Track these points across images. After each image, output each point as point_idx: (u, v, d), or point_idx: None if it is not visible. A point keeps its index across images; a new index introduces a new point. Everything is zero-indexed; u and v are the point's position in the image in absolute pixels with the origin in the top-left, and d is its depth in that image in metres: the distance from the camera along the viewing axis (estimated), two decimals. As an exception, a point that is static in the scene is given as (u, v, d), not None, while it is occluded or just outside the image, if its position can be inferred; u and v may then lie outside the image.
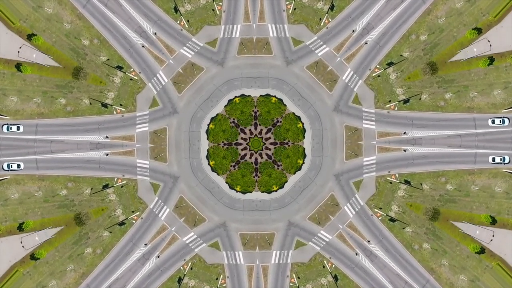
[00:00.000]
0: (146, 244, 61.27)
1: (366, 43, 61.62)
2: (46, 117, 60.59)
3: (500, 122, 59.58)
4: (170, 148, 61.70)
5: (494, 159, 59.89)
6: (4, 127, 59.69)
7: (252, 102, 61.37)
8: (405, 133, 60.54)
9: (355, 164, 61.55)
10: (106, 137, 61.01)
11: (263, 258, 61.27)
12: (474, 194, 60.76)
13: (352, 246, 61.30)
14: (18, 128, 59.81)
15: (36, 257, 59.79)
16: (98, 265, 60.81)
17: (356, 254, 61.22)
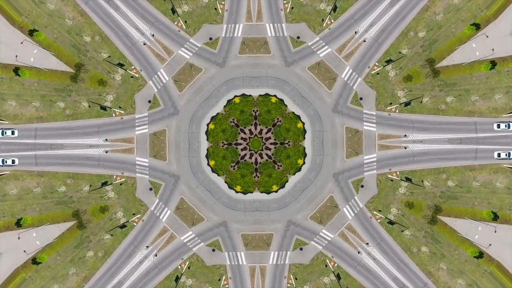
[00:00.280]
0: (147, 246, 61.16)
1: (364, 41, 61.51)
2: (45, 120, 60.48)
3: (505, 127, 59.50)
4: (170, 148, 61.59)
5: (499, 155, 59.77)
6: (-1, 132, 59.84)
7: (252, 102, 61.28)
8: (405, 135, 60.48)
9: (356, 162, 61.42)
10: (106, 140, 60.89)
11: (262, 258, 61.20)
12: (476, 190, 60.68)
13: (354, 245, 61.21)
14: (12, 132, 59.67)
15: (37, 261, 59.66)
16: (100, 268, 60.71)
17: (358, 253, 61.14)
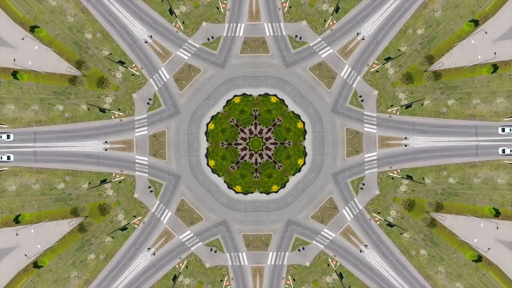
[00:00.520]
0: (149, 248, 61.08)
1: (363, 39, 61.43)
2: (44, 124, 60.42)
3: (510, 131, 59.39)
4: (169, 148, 61.50)
5: (504, 151, 59.65)
6: (-6, 136, 59.78)
7: (253, 101, 61.18)
8: (406, 138, 60.40)
9: (357, 161, 61.34)
10: (105, 142, 60.80)
11: (260, 259, 61.15)
12: (477, 187, 60.60)
13: (356, 244, 61.12)
14: (8, 136, 59.55)
15: (39, 265, 59.54)
16: (101, 271, 60.63)
17: (360, 251, 61.05)
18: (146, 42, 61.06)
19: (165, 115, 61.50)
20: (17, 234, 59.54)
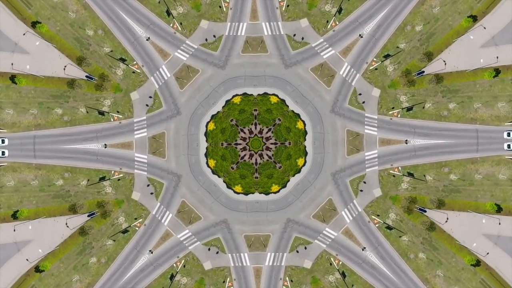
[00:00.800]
0: (150, 250, 60.97)
1: (361, 37, 61.31)
2: (44, 128, 60.29)
3: None
4: (169, 148, 61.45)
5: (509, 146, 59.50)
6: (-12, 141, 59.66)
7: (253, 101, 61.07)
8: (406, 141, 60.31)
9: (357, 159, 61.24)
10: (105, 145, 60.70)
11: (259, 260, 61.11)
12: (478, 183, 60.49)
13: (358, 242, 61.01)
14: (3, 141, 59.41)
15: (41, 269, 59.45)
16: (103, 274, 60.52)
17: (362, 250, 60.95)
18: (148, 39, 60.91)
19: (164, 117, 61.37)
20: (14, 230, 59.40)
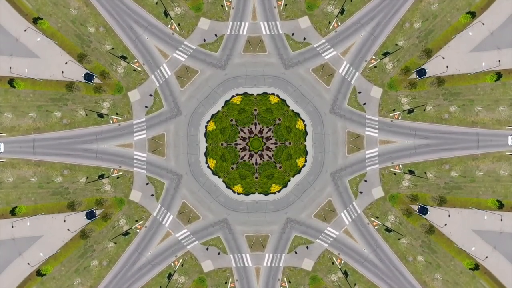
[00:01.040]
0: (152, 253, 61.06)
1: (360, 35, 61.28)
2: (43, 131, 60.18)
3: None
4: (168, 146, 61.43)
5: None
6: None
7: (254, 101, 60.99)
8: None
9: (358, 157, 61.17)
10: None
11: (258, 260, 61.10)
12: (479, 179, 60.40)
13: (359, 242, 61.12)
14: None
15: (42, 273, 59.32)
16: (105, 277, 60.43)
17: (364, 249, 60.93)
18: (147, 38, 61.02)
19: (163, 118, 61.30)
20: (12, 226, 59.28)
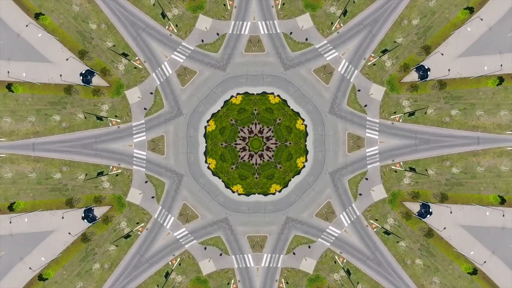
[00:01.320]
0: (153, 254, 61.15)
1: (360, 33, 61.23)
2: (42, 135, 60.08)
3: None
4: (168, 145, 61.44)
5: None
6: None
7: (254, 100, 60.90)
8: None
9: (358, 155, 61.09)
10: (104, 150, 60.87)
11: (257, 261, 61.12)
12: (481, 175, 60.30)
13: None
14: None
15: (44, 277, 59.29)
16: (107, 280, 60.36)
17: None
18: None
19: (162, 120, 61.24)
20: (10, 222, 59.19)
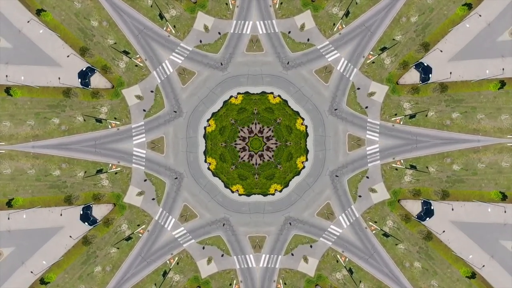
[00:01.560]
0: (155, 256, 61.10)
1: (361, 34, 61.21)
2: (42, 138, 60.02)
3: None
4: (168, 145, 61.45)
5: None
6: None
7: (254, 100, 60.84)
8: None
9: (359, 154, 61.04)
10: (104, 152, 60.78)
11: (256, 261, 61.11)
12: (482, 172, 60.24)
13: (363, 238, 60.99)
14: None
15: (46, 281, 59.21)
16: (109, 282, 60.26)
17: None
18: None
19: (162, 121, 61.19)
20: (8, 218, 59.14)
